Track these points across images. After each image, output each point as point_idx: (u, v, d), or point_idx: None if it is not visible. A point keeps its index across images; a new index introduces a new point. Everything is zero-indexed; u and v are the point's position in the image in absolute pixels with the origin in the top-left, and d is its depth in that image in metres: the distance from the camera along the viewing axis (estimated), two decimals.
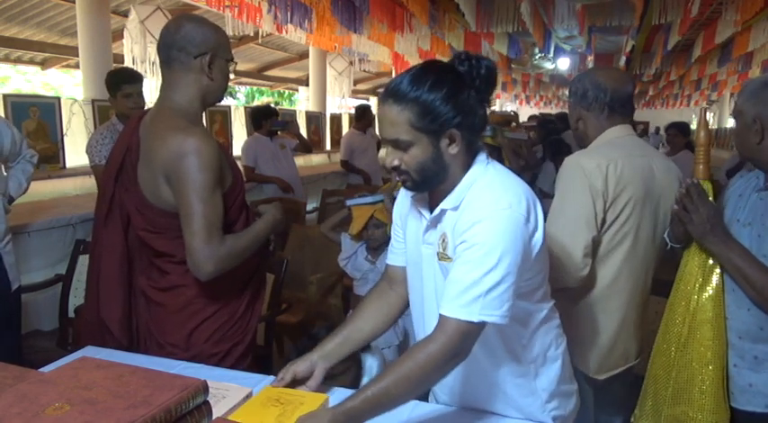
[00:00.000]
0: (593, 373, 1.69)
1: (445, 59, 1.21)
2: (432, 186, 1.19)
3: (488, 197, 1.12)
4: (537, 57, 10.79)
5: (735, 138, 1.47)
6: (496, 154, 2.73)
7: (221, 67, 1.53)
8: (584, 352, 1.67)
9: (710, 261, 1.44)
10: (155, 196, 1.50)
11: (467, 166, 1.18)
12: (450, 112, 1.10)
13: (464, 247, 1.10)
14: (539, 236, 1.15)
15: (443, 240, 1.17)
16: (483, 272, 1.06)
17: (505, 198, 1.11)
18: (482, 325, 1.08)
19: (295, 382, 1.28)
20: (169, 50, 1.49)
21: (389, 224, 2.34)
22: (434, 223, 1.20)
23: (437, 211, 1.18)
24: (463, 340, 1.07)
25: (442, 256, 1.18)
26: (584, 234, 1.57)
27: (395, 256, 1.40)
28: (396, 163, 1.15)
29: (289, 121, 5.33)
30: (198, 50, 1.48)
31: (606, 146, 1.69)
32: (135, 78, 2.95)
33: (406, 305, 1.38)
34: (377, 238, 2.41)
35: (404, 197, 1.35)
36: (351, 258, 2.49)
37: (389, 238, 2.34)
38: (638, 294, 1.71)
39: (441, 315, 1.09)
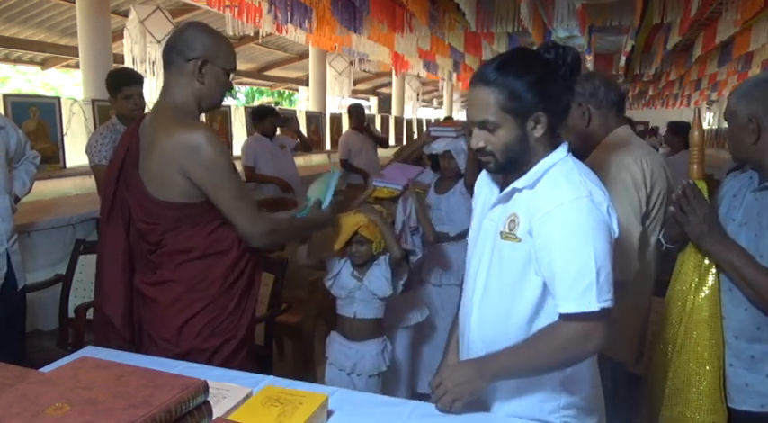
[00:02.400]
0: (633, 364, 1.71)
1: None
2: (515, 168, 1.22)
3: (568, 185, 1.16)
4: None
5: (729, 140, 1.47)
6: None
7: (215, 74, 1.57)
8: (621, 342, 1.69)
9: (706, 261, 1.44)
10: (159, 188, 1.54)
11: (547, 151, 1.21)
12: (537, 96, 1.15)
13: (552, 238, 1.13)
14: (615, 231, 1.17)
15: (512, 220, 1.20)
16: (582, 262, 1.10)
17: (584, 187, 1.15)
18: (602, 312, 1.11)
19: None
20: (169, 53, 1.57)
21: (375, 242, 2.11)
22: (503, 201, 1.24)
23: (508, 188, 1.22)
24: (586, 331, 1.12)
25: (507, 236, 1.21)
26: (637, 227, 1.63)
27: None
28: (481, 144, 1.20)
29: (289, 117, 5.32)
30: (192, 54, 1.54)
31: (624, 143, 1.73)
32: (135, 80, 2.96)
33: None
34: (362, 254, 2.14)
35: (482, 180, 1.39)
36: (335, 277, 2.21)
37: (375, 256, 2.18)
38: (655, 283, 1.77)
39: (560, 315, 1.14)
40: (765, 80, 1.41)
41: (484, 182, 1.37)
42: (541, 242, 1.15)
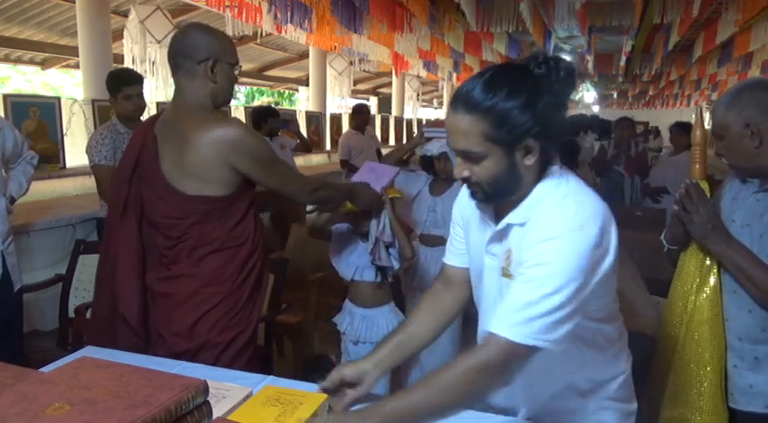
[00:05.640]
0: None
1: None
2: (504, 198, 1.11)
3: (560, 216, 1.04)
4: None
5: (726, 152, 1.43)
6: None
7: (225, 72, 1.63)
8: None
9: (708, 261, 1.44)
10: (191, 183, 1.58)
11: (539, 177, 1.10)
12: (527, 122, 1.01)
13: (528, 265, 1.04)
14: (609, 261, 1.05)
15: (508, 256, 1.12)
16: (543, 293, 1.00)
17: (578, 218, 1.03)
18: (532, 349, 1.00)
19: (342, 386, 1.23)
20: (176, 58, 1.60)
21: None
22: (500, 237, 1.14)
23: (502, 224, 1.12)
24: (507, 361, 1.01)
25: (506, 273, 1.12)
26: None
27: (453, 256, 1.34)
28: (465, 174, 1.08)
29: (290, 120, 5.34)
30: (201, 56, 1.57)
31: None
32: (135, 80, 2.96)
33: (461, 308, 1.34)
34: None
35: (466, 197, 1.28)
36: (352, 252, 2.28)
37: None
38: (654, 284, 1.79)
39: (489, 332, 1.03)
40: (747, 86, 1.39)
41: (468, 205, 1.25)
42: (520, 270, 1.06)
